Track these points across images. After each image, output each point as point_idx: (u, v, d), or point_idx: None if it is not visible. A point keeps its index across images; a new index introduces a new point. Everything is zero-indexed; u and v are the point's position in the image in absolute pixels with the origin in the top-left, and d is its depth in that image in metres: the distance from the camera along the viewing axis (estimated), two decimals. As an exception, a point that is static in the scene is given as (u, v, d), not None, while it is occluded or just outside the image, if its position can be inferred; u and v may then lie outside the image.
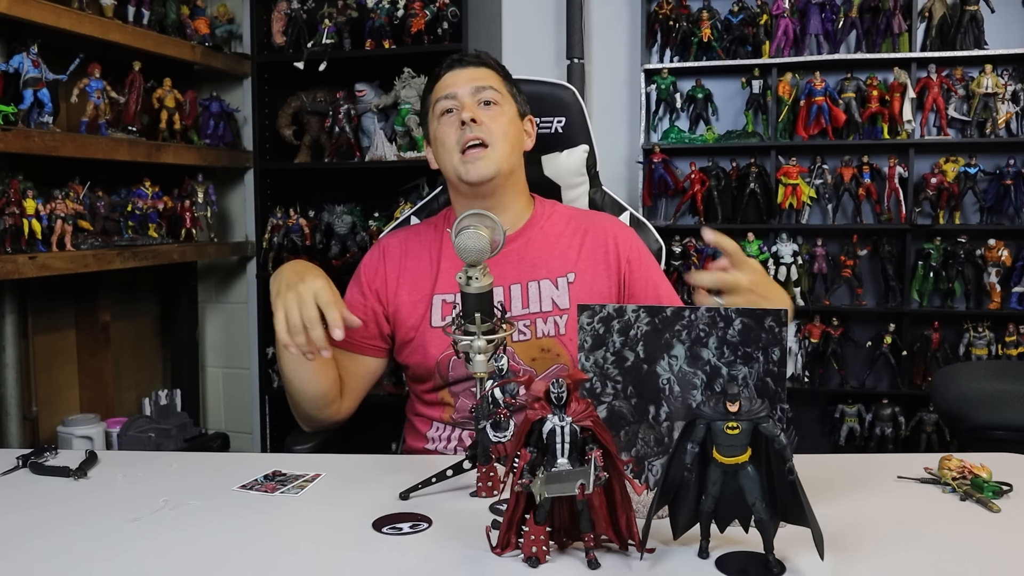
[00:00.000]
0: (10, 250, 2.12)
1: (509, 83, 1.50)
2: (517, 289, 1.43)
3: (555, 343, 1.41)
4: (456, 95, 1.42)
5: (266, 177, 3.04)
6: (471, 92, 1.42)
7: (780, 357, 0.94)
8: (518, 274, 1.44)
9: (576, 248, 1.47)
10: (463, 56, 1.48)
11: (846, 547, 0.87)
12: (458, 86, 1.43)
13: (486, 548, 0.87)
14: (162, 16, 2.74)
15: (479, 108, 1.41)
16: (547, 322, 1.41)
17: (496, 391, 1.03)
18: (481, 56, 1.49)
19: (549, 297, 1.43)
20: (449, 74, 1.45)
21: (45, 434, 2.52)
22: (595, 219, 1.55)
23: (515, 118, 1.47)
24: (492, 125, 1.41)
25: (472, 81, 1.43)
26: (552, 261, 1.46)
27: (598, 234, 1.49)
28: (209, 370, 3.33)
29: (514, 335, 1.38)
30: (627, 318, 0.98)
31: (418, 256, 1.49)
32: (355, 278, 1.53)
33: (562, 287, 1.43)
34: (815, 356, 2.78)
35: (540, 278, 1.44)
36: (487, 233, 1.00)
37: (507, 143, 1.42)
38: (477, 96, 1.42)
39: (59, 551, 0.92)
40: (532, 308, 1.42)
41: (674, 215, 2.86)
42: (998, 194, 2.67)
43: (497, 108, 1.43)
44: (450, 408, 1.44)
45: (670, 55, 2.85)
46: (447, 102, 1.43)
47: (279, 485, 1.11)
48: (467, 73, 1.45)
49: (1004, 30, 2.68)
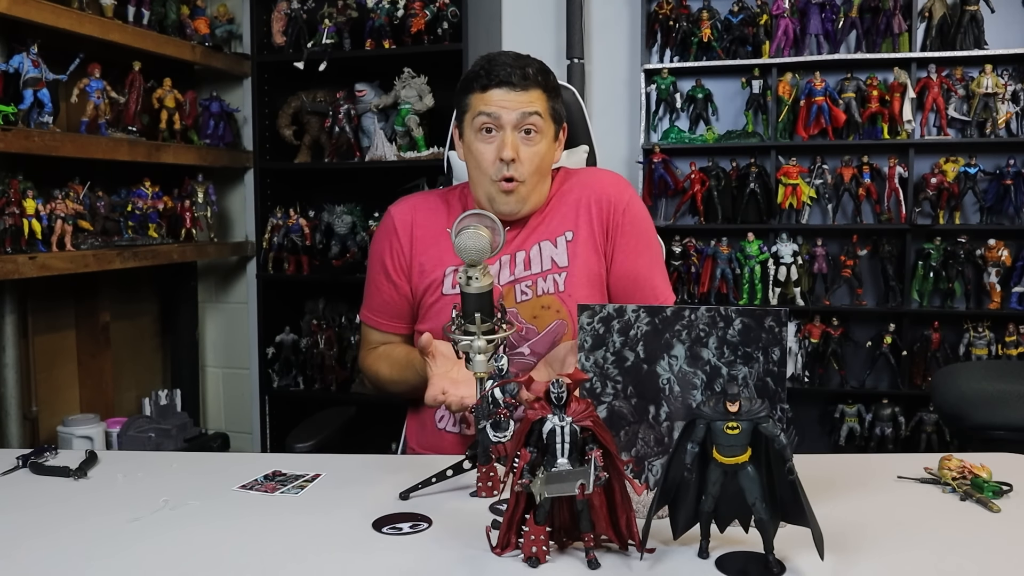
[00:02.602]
0: (10, 250, 2.12)
1: (552, 99, 1.47)
2: (522, 255, 1.47)
3: (554, 300, 1.45)
4: (500, 117, 1.41)
5: (266, 177, 3.04)
6: (515, 120, 1.41)
7: (780, 357, 0.95)
8: (523, 241, 1.48)
9: (573, 204, 1.50)
10: (512, 74, 1.41)
11: (846, 547, 0.87)
12: (504, 110, 1.41)
13: (486, 548, 0.88)
14: (162, 16, 2.74)
15: (520, 138, 1.42)
16: (547, 280, 1.45)
17: (496, 391, 1.03)
18: (529, 75, 1.42)
19: (549, 256, 1.47)
20: (496, 92, 1.41)
21: (45, 434, 2.52)
22: (590, 175, 1.57)
23: (550, 143, 1.47)
24: (528, 162, 1.42)
25: (519, 107, 1.41)
26: (553, 221, 1.49)
27: (588, 189, 1.51)
28: (209, 370, 3.33)
29: (517, 296, 1.45)
30: (627, 318, 0.98)
31: (427, 225, 1.52)
32: (374, 264, 1.56)
33: (561, 245, 1.47)
34: (815, 356, 2.78)
35: (541, 239, 1.48)
36: (487, 233, 1.00)
37: (538, 176, 1.45)
38: (521, 124, 1.41)
39: (59, 551, 0.92)
40: (534, 269, 1.46)
41: (674, 215, 2.86)
42: (998, 194, 2.66)
43: (537, 136, 1.43)
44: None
45: (670, 55, 2.84)
46: (489, 120, 1.41)
47: (279, 485, 1.11)
48: (516, 97, 1.41)
49: (1004, 30, 2.68)
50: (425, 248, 1.51)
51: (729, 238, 2.78)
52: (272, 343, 3.04)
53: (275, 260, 3.00)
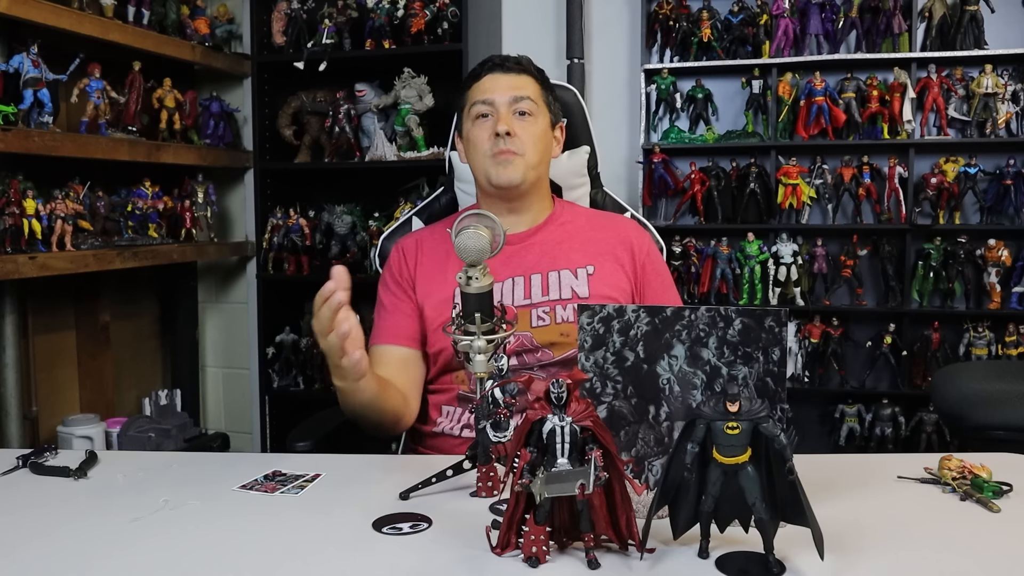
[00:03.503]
0: (10, 250, 2.12)
1: (546, 90, 1.52)
2: (538, 279, 1.47)
3: (574, 328, 1.43)
4: (494, 102, 1.45)
5: (266, 177, 3.04)
6: (508, 102, 1.45)
7: (780, 357, 0.94)
8: (538, 264, 1.49)
9: (596, 243, 1.52)
10: (505, 60, 1.50)
11: (846, 547, 0.87)
12: (496, 92, 1.46)
13: (486, 548, 0.87)
14: (162, 16, 2.74)
15: (514, 118, 1.45)
16: (566, 309, 1.45)
17: (496, 391, 1.03)
18: (522, 62, 1.51)
19: (569, 286, 1.47)
20: (489, 77, 1.48)
21: (45, 434, 2.52)
22: (616, 220, 1.61)
23: (547, 128, 1.50)
24: (525, 137, 1.45)
25: (511, 90, 1.46)
26: (572, 254, 1.50)
27: (618, 232, 1.54)
28: (209, 370, 3.33)
29: (533, 321, 1.43)
30: (627, 318, 0.98)
31: (433, 252, 1.53)
32: (385, 284, 1.55)
33: (582, 277, 1.47)
34: (815, 356, 2.78)
35: (560, 268, 1.48)
36: (487, 233, 1.00)
37: (537, 153, 1.47)
38: (514, 106, 1.45)
39: (59, 551, 0.92)
40: (552, 296, 1.46)
41: (674, 215, 2.86)
42: (998, 194, 2.66)
43: (531, 119, 1.46)
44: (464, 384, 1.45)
45: (670, 55, 2.84)
46: (484, 107, 1.46)
47: (279, 485, 1.11)
48: (507, 80, 1.47)
49: (1004, 30, 2.68)
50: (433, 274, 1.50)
51: (729, 238, 2.78)
52: (272, 343, 3.04)
53: (275, 260, 3.00)
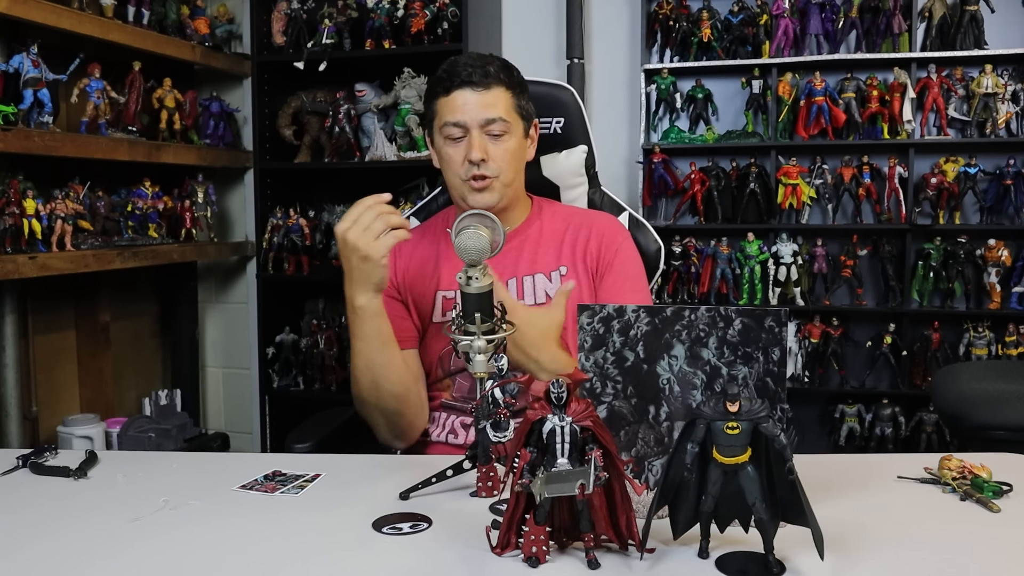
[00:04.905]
0: (10, 250, 2.12)
1: (518, 95, 1.46)
2: (513, 283, 1.48)
3: None
4: (465, 124, 1.41)
5: (266, 177, 3.04)
6: (480, 123, 1.41)
7: (780, 357, 0.94)
8: (514, 269, 1.49)
9: (569, 244, 1.52)
10: (472, 73, 1.41)
11: (846, 547, 0.87)
12: (467, 114, 1.40)
13: (486, 548, 0.87)
14: (162, 16, 2.73)
15: (487, 140, 1.42)
16: None
17: (496, 391, 1.03)
18: (491, 72, 1.42)
19: (543, 290, 1.48)
20: (460, 94, 1.41)
21: (45, 434, 2.52)
22: (588, 217, 1.59)
23: (521, 140, 1.48)
24: (499, 158, 1.42)
25: (483, 110, 1.40)
26: (547, 256, 1.51)
27: (585, 230, 1.53)
28: (209, 370, 3.33)
29: None
30: (627, 318, 0.98)
31: (421, 252, 1.53)
32: None
33: (555, 280, 1.49)
34: (815, 356, 2.78)
35: (535, 272, 1.49)
36: (487, 233, 1.00)
37: (512, 170, 1.46)
38: (486, 128, 1.41)
39: (59, 551, 0.92)
40: (527, 300, 1.47)
41: (674, 215, 2.85)
42: (998, 194, 2.66)
43: (505, 136, 1.43)
44: (447, 392, 1.48)
45: (670, 55, 2.84)
46: (455, 129, 1.42)
47: (279, 485, 1.11)
48: (478, 99, 1.40)
49: (1004, 30, 2.68)
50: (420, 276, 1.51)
51: (729, 238, 2.78)
52: (272, 343, 3.04)
53: (275, 260, 3.00)
